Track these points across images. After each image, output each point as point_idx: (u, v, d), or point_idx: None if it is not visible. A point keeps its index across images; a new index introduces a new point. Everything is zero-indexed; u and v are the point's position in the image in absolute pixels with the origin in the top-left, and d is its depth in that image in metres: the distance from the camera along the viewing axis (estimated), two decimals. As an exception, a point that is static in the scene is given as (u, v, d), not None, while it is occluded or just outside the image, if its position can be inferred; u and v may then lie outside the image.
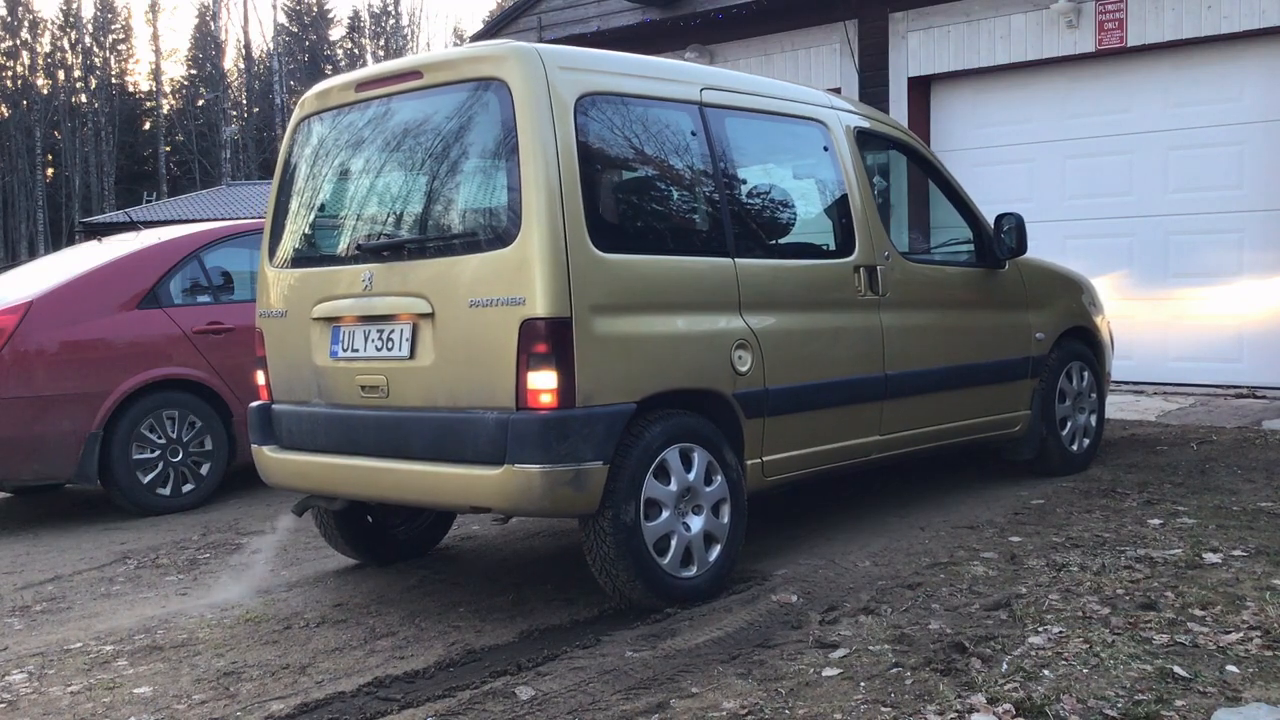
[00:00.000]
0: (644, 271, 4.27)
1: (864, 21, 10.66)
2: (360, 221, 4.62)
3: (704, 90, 4.70)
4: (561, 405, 3.93)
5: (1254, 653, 3.44)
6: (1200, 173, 9.16)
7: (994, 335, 5.87)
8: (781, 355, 4.67)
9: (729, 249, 4.59)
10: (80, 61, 61.64)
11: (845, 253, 5.12)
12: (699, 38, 11.56)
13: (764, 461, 4.66)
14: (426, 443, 4.18)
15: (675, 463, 4.25)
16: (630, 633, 4.04)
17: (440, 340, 4.17)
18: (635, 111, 4.46)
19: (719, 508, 4.40)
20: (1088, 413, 6.48)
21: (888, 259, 5.25)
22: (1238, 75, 8.99)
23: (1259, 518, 5.13)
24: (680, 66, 4.89)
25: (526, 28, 12.63)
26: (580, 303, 3.98)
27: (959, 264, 5.95)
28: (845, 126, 5.33)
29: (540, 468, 3.92)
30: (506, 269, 4.00)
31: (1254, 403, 8.57)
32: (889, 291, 5.22)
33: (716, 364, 4.43)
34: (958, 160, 10.46)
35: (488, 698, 3.49)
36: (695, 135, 4.63)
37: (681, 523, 4.28)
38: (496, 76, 4.13)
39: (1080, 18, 9.39)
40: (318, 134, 4.81)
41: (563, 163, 4.02)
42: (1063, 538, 4.94)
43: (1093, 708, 3.08)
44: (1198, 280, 9.24)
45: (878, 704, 3.22)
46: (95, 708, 3.69)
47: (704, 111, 4.66)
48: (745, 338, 4.54)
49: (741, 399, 4.51)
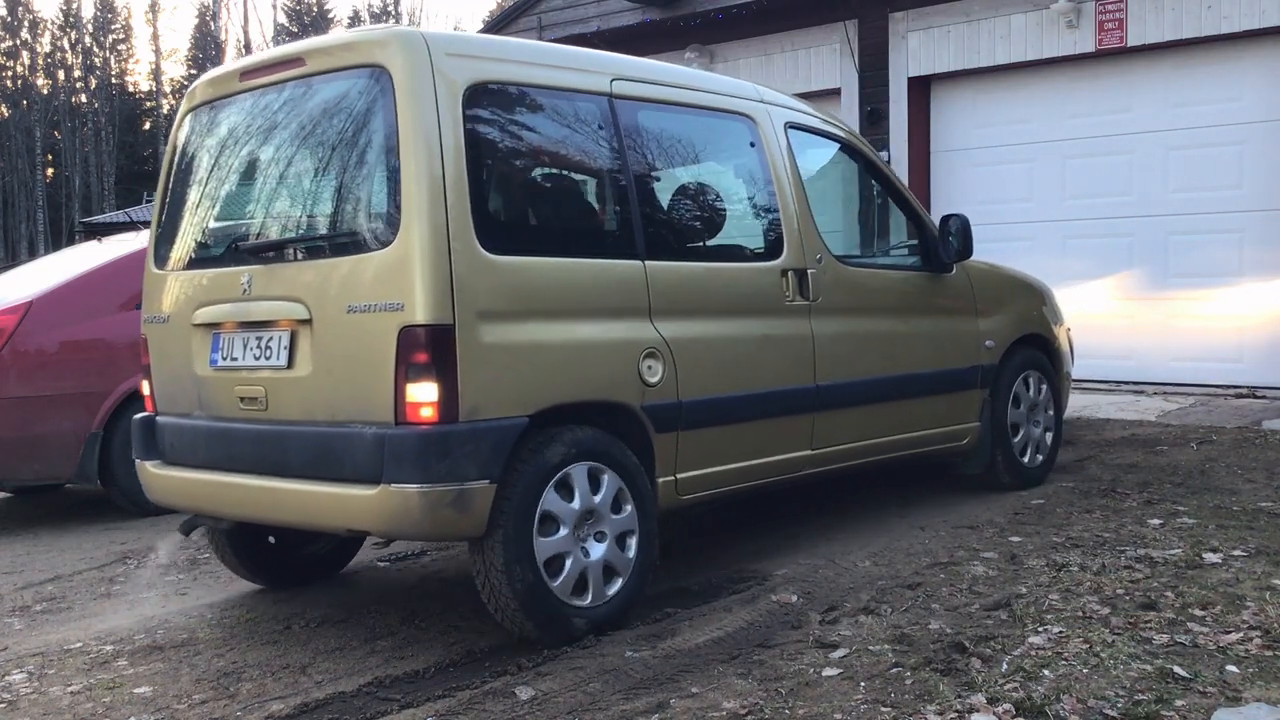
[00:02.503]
0: (539, 275, 3.96)
1: (864, 21, 10.66)
2: (241, 220, 4.35)
3: (615, 81, 4.38)
4: (443, 419, 3.64)
5: (1254, 653, 3.44)
6: (1200, 173, 9.16)
7: (939, 343, 5.57)
8: (697, 365, 4.35)
9: (638, 251, 4.27)
10: (80, 61, 61.66)
11: (772, 255, 4.81)
12: (699, 38, 11.57)
13: (678, 479, 4.34)
14: (304, 459, 3.88)
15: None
16: (630, 633, 4.03)
17: (318, 349, 3.88)
18: (534, 102, 4.16)
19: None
20: (1043, 425, 6.18)
21: (820, 262, 4.93)
22: (1238, 75, 8.99)
23: (1259, 518, 5.13)
24: (589, 55, 4.54)
25: (526, 28, 12.63)
26: (465, 308, 3.69)
27: (901, 268, 5.66)
28: (776, 122, 5.05)
29: (418, 488, 3.61)
30: (384, 272, 3.72)
31: (1254, 403, 8.57)
32: (821, 297, 4.91)
33: (622, 375, 4.11)
34: (958, 160, 10.48)
35: (488, 698, 3.49)
36: (603, 129, 4.33)
37: (580, 547, 3.95)
38: (378, 63, 3.84)
39: (1080, 18, 9.39)
40: (202, 126, 4.54)
41: (448, 157, 3.73)
42: (1063, 538, 4.94)
43: (1093, 708, 3.08)
44: (1198, 280, 9.24)
45: (878, 704, 3.22)
46: (95, 708, 3.69)
47: (614, 104, 4.35)
48: (656, 346, 4.22)
49: (651, 412, 4.19)
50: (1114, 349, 9.69)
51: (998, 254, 10.24)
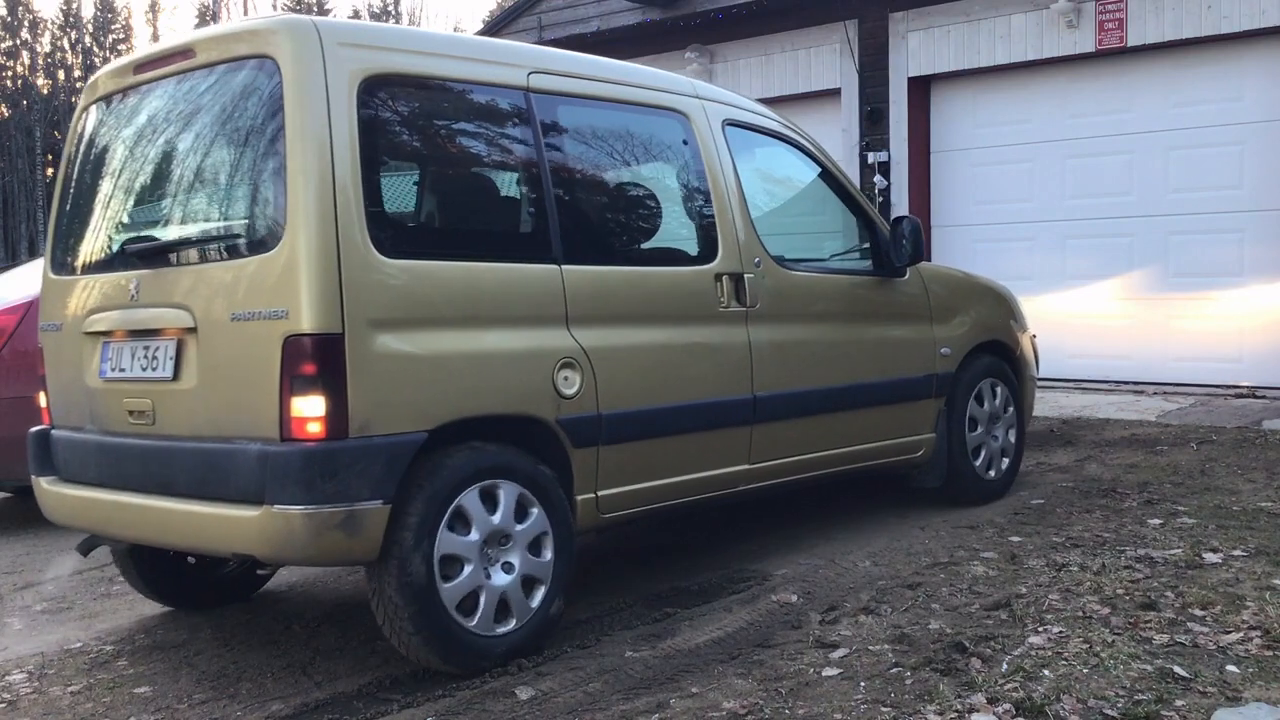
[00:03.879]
0: (441, 280, 3.71)
1: (864, 21, 10.66)
2: (130, 222, 4.12)
3: (532, 74, 4.13)
4: (331, 435, 3.39)
5: (1254, 653, 3.44)
6: (1200, 173, 9.16)
7: (890, 350, 5.31)
8: (619, 376, 4.11)
9: (555, 255, 4.02)
10: (80, 61, 61.67)
11: (706, 259, 4.55)
12: (699, 38, 11.57)
13: (599, 496, 4.10)
14: (190, 478, 3.65)
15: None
16: (630, 633, 4.04)
17: (204, 359, 3.65)
18: (439, 96, 3.93)
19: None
20: (1004, 435, 5.90)
21: (758, 266, 4.68)
22: (1238, 75, 9.00)
23: (1259, 518, 5.13)
24: (504, 47, 4.29)
25: (526, 27, 12.63)
26: (356, 316, 3.45)
27: (850, 272, 5.33)
28: (713, 119, 4.77)
29: (303, 509, 3.36)
30: (268, 277, 3.48)
31: (1254, 403, 8.57)
32: (759, 302, 4.66)
33: (535, 386, 3.87)
34: (958, 160, 10.48)
35: (487, 698, 3.49)
36: (517, 125, 4.08)
37: (490, 570, 3.72)
38: (266, 53, 3.62)
39: (1080, 18, 9.39)
40: (97, 123, 4.33)
41: (339, 153, 3.50)
42: (1063, 538, 4.94)
43: (1093, 708, 3.08)
44: (1198, 280, 9.24)
45: (878, 704, 3.22)
46: (95, 708, 3.69)
47: (531, 98, 4.10)
48: (573, 356, 3.98)
49: (568, 426, 3.95)
50: (1114, 349, 9.69)
51: (998, 254, 10.30)
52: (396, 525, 3.52)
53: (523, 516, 3.80)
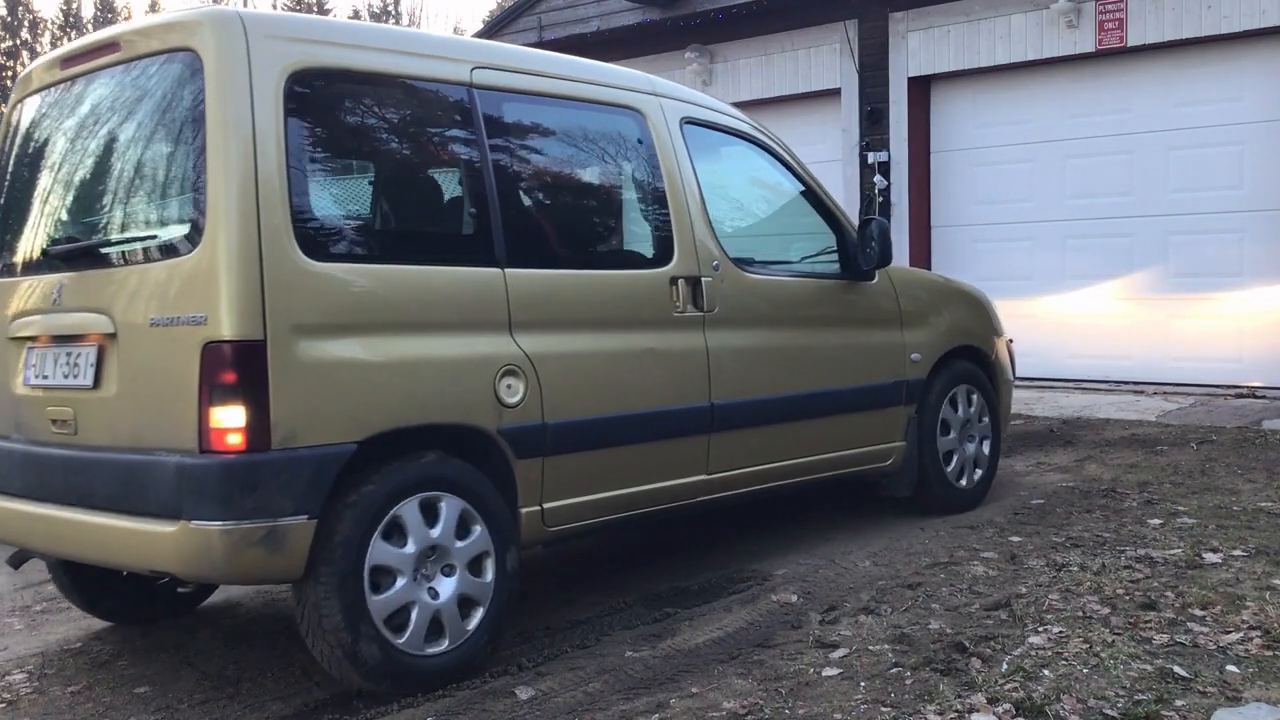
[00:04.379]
0: (373, 284, 3.55)
1: (864, 21, 10.66)
2: (56, 222, 3.99)
3: (476, 70, 3.96)
4: (251, 447, 3.24)
5: (1254, 653, 3.44)
6: (1200, 173, 9.16)
7: (857, 356, 5.15)
8: (566, 383, 3.96)
9: (498, 257, 3.86)
10: (80, 61, 61.67)
11: (661, 262, 4.39)
12: (699, 38, 11.57)
13: (545, 509, 3.94)
14: (109, 490, 3.51)
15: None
16: (630, 633, 4.04)
17: (124, 366, 3.51)
18: (374, 92, 3.76)
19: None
20: (978, 442, 5.72)
21: (717, 270, 4.52)
22: (1238, 75, 8.99)
23: (1259, 518, 5.13)
24: (445, 41, 4.15)
25: (526, 27, 12.63)
26: (279, 321, 3.30)
27: (815, 275, 5.16)
28: (670, 117, 4.60)
29: (220, 525, 3.21)
30: (187, 281, 3.35)
31: (1254, 403, 8.57)
32: (718, 307, 4.50)
33: (475, 395, 3.71)
34: (958, 160, 10.48)
35: (487, 698, 3.49)
36: (459, 121, 3.93)
37: (427, 589, 3.57)
38: (189, 46, 3.47)
39: (1080, 18, 9.39)
40: (25, 119, 4.20)
41: (263, 151, 3.35)
42: (1063, 538, 4.94)
43: (1093, 708, 3.08)
44: (1198, 280, 9.24)
45: (878, 704, 3.22)
46: (95, 708, 3.70)
47: (474, 94, 3.93)
48: (516, 363, 3.82)
49: (511, 436, 3.79)
50: (1114, 349, 9.69)
51: (998, 254, 10.30)
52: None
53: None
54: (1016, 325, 10.14)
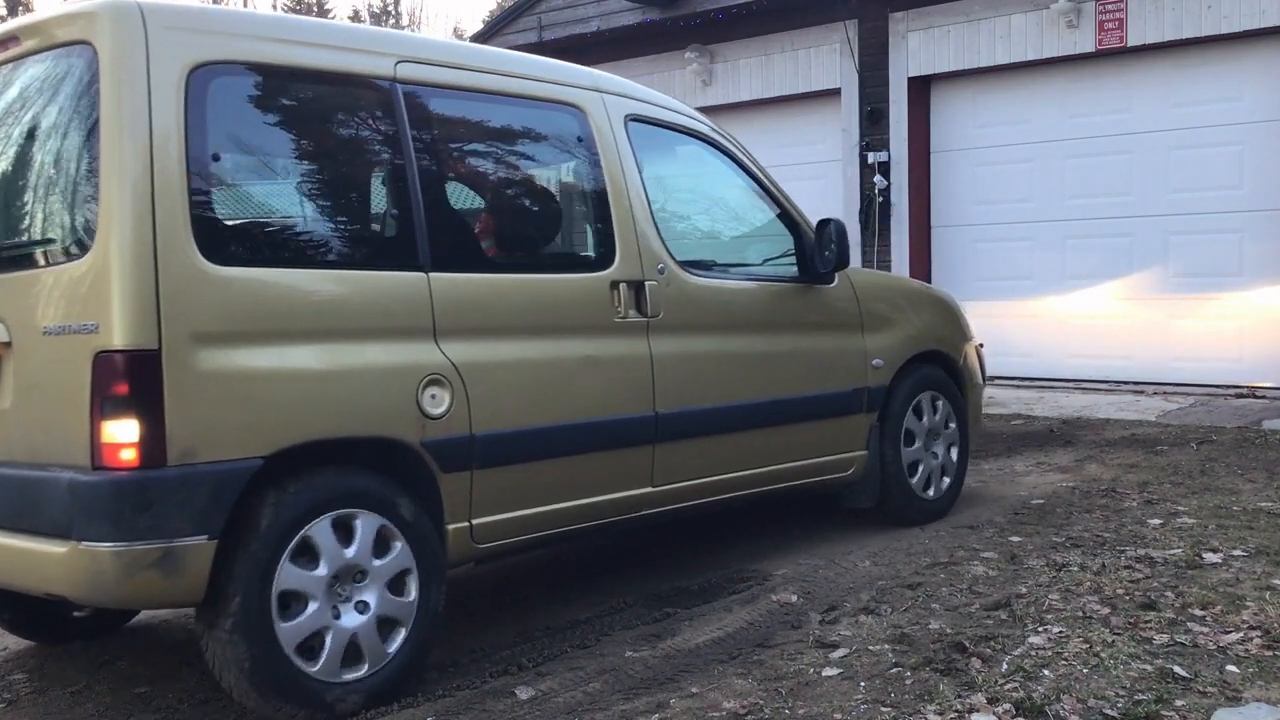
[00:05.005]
0: (282, 289, 3.37)
1: (864, 21, 10.66)
2: None
3: (401, 64, 3.77)
4: (146, 464, 3.06)
5: (1254, 653, 3.44)
6: (1200, 173, 9.17)
7: (815, 363, 4.96)
8: (496, 393, 3.78)
9: (421, 261, 3.68)
10: (80, 61, 61.65)
11: (601, 265, 4.20)
12: (699, 38, 11.58)
13: (473, 525, 3.76)
14: (5, 508, 3.35)
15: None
16: (630, 633, 4.04)
17: (19, 377, 3.34)
18: (287, 87, 3.57)
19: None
20: (945, 451, 5.53)
21: (662, 273, 4.33)
22: (1238, 75, 9.00)
23: (1259, 518, 5.13)
24: (368, 33, 3.96)
25: (526, 27, 12.63)
26: (177, 330, 3.12)
27: (770, 278, 4.96)
28: (614, 114, 4.40)
29: (112, 546, 3.03)
30: (79, 287, 3.17)
31: (1254, 403, 8.58)
32: (663, 312, 4.30)
33: (395, 406, 3.53)
34: (958, 160, 10.48)
35: (488, 697, 3.49)
36: (380, 118, 3.74)
37: (341, 610, 3.39)
38: (86, 39, 3.29)
39: (1080, 18, 9.40)
40: None
41: (161, 149, 3.17)
42: (1063, 538, 4.94)
43: (1093, 708, 3.08)
44: (1198, 280, 9.25)
45: (878, 704, 3.22)
46: (95, 708, 3.70)
47: (398, 90, 3.74)
48: (441, 372, 3.64)
49: (435, 449, 3.61)
50: (1114, 349, 9.70)
51: (998, 254, 10.31)
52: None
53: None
54: (1016, 325, 10.18)
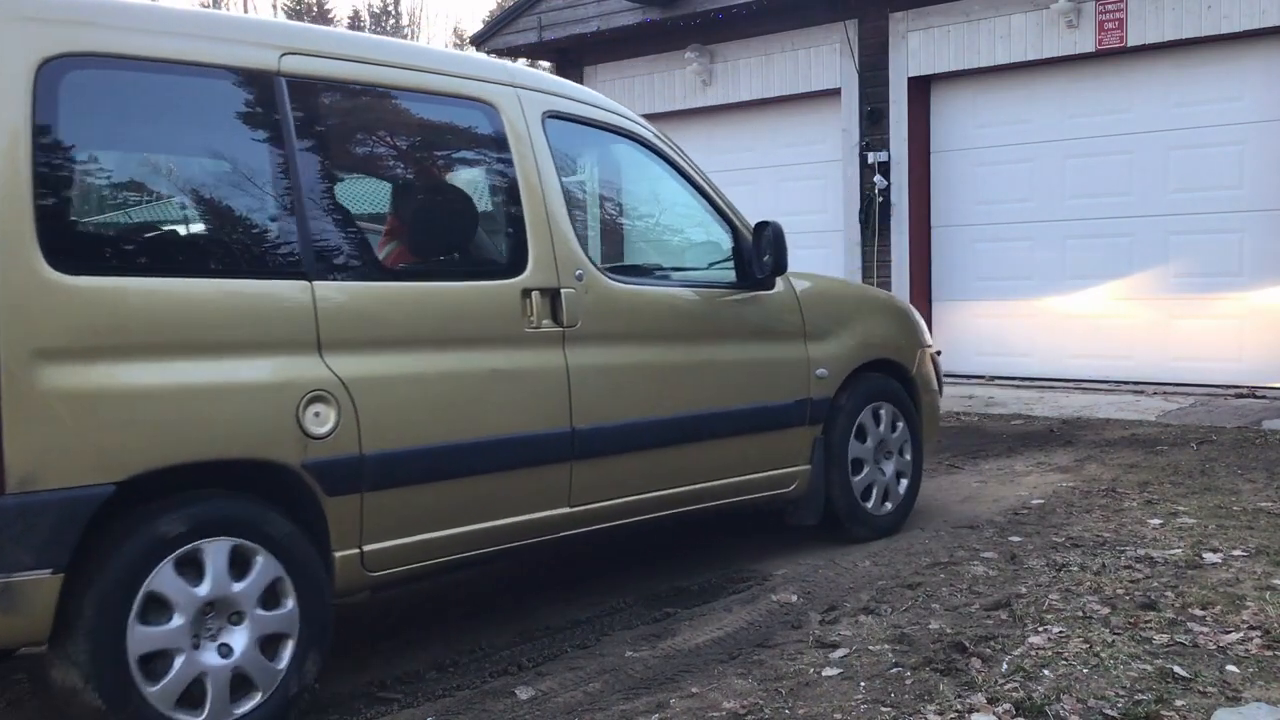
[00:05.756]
0: (141, 301, 3.11)
1: (864, 21, 10.66)
2: None
3: (286, 56, 3.51)
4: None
5: (1254, 653, 3.44)
6: (1200, 173, 9.17)
7: (752, 373, 4.70)
8: (391, 410, 3.52)
9: (305, 269, 3.42)
10: (80, 61, 61.58)
11: (512, 272, 3.94)
12: (699, 38, 11.58)
13: (365, 552, 3.50)
14: None
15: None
16: (630, 633, 4.04)
17: None
18: (154, 81, 3.29)
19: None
20: (897, 465, 5.28)
21: (580, 279, 4.07)
22: (1238, 75, 9.00)
23: (1259, 518, 5.13)
24: (249, 24, 3.67)
25: (526, 27, 12.63)
26: (17, 345, 2.90)
27: (704, 285, 4.72)
28: (530, 110, 4.12)
29: None
30: None
31: (1254, 403, 8.58)
32: (582, 321, 4.05)
33: (271, 425, 3.27)
34: (958, 160, 10.48)
35: (487, 697, 3.49)
36: (261, 114, 3.48)
37: (213, 648, 3.12)
38: None
39: (1080, 17, 9.40)
40: None
41: (4, 149, 2.96)
42: (1063, 538, 4.94)
43: (1093, 708, 3.08)
44: (1198, 280, 9.25)
45: (878, 704, 3.22)
46: (95, 708, 3.69)
47: (281, 84, 3.48)
48: (326, 388, 3.37)
49: (318, 470, 3.35)
50: (1114, 349, 9.70)
51: (998, 253, 10.31)
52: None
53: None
54: (1016, 325, 10.19)
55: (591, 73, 12.74)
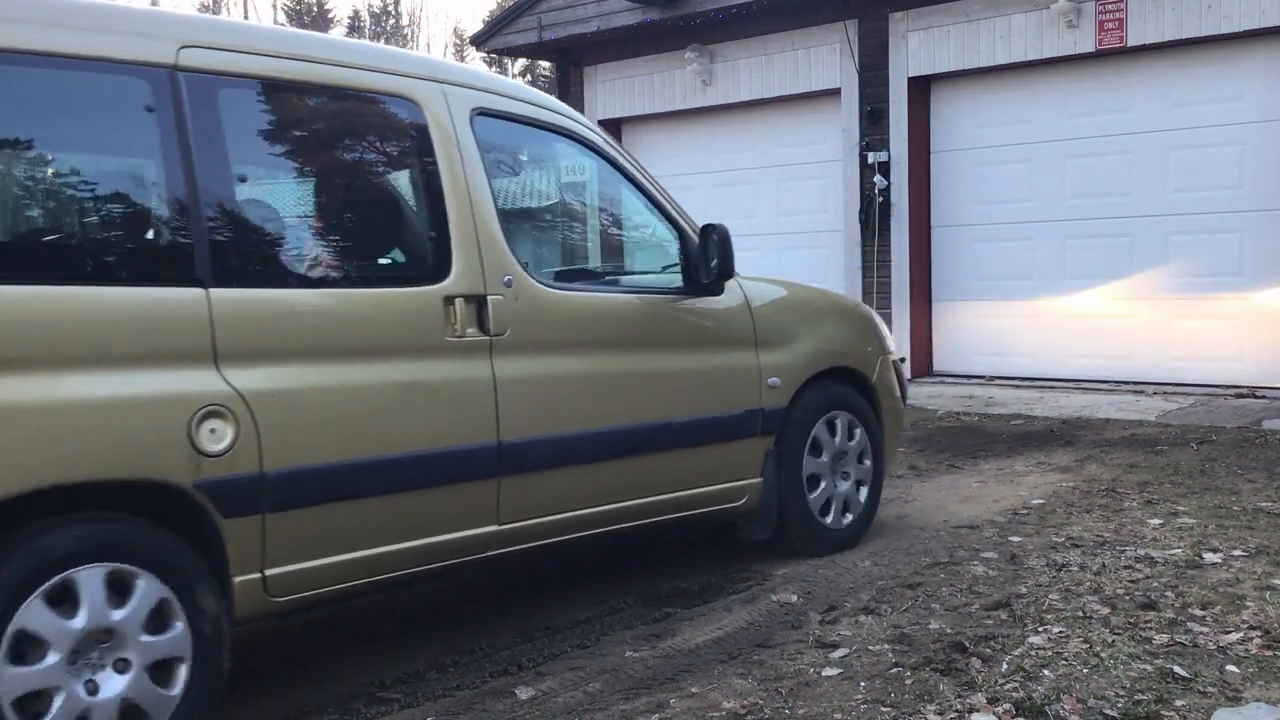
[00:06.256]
0: (11, 309, 2.90)
1: (864, 21, 10.66)
2: None
3: (184, 49, 3.29)
4: None
5: (1254, 653, 3.44)
6: (1200, 173, 9.17)
7: (698, 383, 4.49)
8: (296, 425, 3.31)
9: (200, 275, 3.21)
10: (80, 61, 61.59)
11: (434, 278, 3.73)
12: (699, 38, 11.58)
13: (267, 576, 3.28)
14: None
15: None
16: (630, 633, 4.04)
17: None
18: (35, 75, 3.09)
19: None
20: (856, 476, 5.07)
21: (509, 286, 3.87)
22: (1238, 75, 9.00)
23: (1259, 518, 5.13)
24: (145, 15, 3.42)
25: (526, 27, 12.63)
26: None
27: (646, 290, 4.53)
28: (456, 107, 3.91)
29: None
30: None
31: (1254, 403, 8.58)
32: (510, 330, 3.85)
33: (159, 442, 3.05)
34: (958, 160, 10.47)
35: (487, 697, 3.50)
36: (156, 110, 3.24)
37: (82, 685, 2.88)
38: None
39: (1080, 17, 9.40)
40: None
41: None
42: (1063, 538, 4.94)
43: (1093, 708, 3.08)
44: (1198, 280, 9.25)
45: (878, 704, 3.22)
46: (95, 708, 3.69)
47: (179, 79, 3.26)
48: (223, 403, 3.16)
49: (213, 490, 3.13)
50: (1114, 349, 9.70)
51: (998, 253, 10.31)
52: None
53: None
54: (1016, 325, 10.19)
55: (591, 73, 12.74)
